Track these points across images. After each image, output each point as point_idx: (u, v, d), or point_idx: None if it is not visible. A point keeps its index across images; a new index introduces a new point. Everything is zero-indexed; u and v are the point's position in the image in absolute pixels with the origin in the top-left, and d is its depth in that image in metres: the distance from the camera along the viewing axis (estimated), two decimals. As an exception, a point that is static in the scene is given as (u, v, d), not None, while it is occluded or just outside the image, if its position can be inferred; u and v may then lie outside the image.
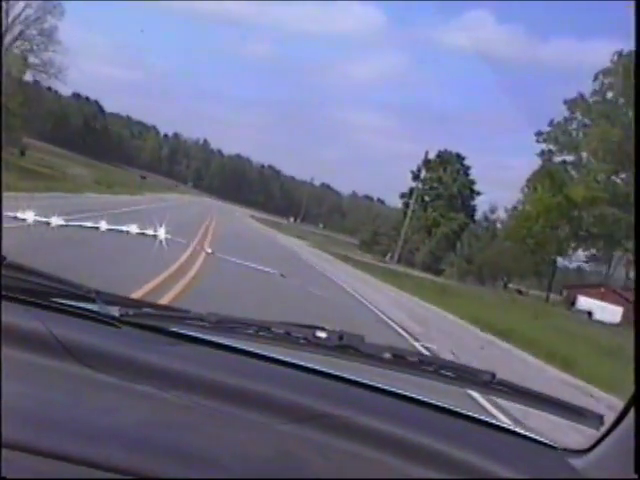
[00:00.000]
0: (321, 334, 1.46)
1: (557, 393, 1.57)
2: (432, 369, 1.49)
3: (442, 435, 1.35)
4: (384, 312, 14.88)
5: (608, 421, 1.39)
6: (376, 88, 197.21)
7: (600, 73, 49.11)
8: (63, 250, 9.00)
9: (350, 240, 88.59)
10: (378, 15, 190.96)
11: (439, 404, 1.53)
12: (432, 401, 1.52)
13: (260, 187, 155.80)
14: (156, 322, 1.46)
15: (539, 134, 50.46)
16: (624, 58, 43.12)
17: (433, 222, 61.57)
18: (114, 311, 1.44)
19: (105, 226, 1.98)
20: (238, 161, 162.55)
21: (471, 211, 64.22)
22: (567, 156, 52.17)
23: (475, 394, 5.45)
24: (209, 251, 13.08)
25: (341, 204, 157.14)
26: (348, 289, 18.47)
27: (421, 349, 9.95)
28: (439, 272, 54.94)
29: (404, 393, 1.52)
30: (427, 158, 62.82)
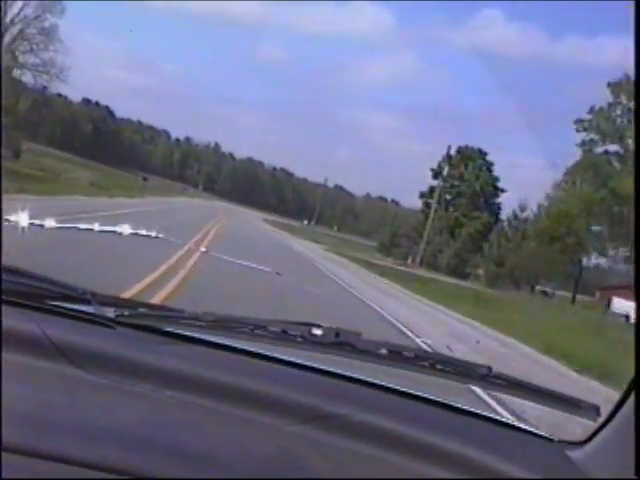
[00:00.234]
0: (317, 331, 1.43)
1: None
2: (428, 364, 1.48)
3: (441, 430, 1.35)
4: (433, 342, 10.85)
5: (605, 412, 1.37)
6: (389, 89, 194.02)
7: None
8: (48, 252, 8.22)
9: (366, 242, 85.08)
10: (389, 16, 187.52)
11: (437, 400, 1.53)
12: (430, 397, 1.51)
13: (272, 190, 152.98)
14: (151, 322, 1.45)
15: (579, 122, 45.15)
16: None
17: (455, 222, 57.34)
18: (109, 312, 1.42)
19: (98, 227, 1.90)
20: (250, 164, 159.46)
21: (495, 210, 59.89)
22: (610, 145, 46.34)
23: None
24: (203, 249, 12.81)
25: (355, 206, 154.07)
26: (384, 313, 14.69)
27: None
28: (465, 276, 50.74)
29: (402, 389, 1.52)
30: (449, 154, 58.47)
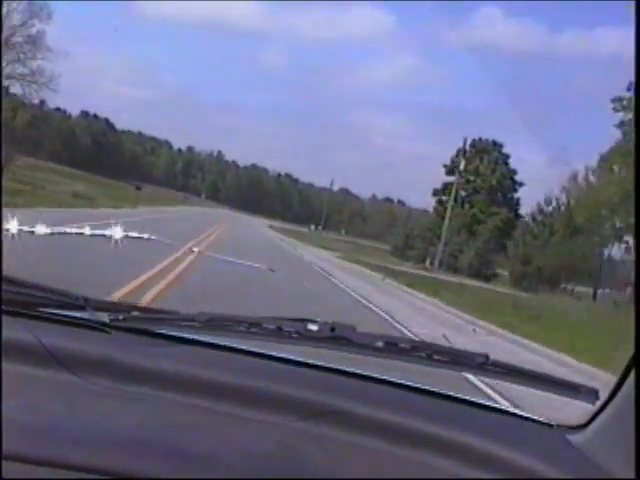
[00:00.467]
0: (312, 327, 1.43)
1: None
2: (425, 354, 1.47)
3: (442, 420, 1.34)
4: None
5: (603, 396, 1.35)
6: (391, 90, 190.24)
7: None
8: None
9: (376, 245, 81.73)
10: (389, 17, 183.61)
11: (435, 390, 1.53)
12: (428, 388, 1.51)
13: (278, 196, 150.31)
14: (146, 325, 1.44)
15: (617, 100, 40.54)
16: None
17: (473, 219, 53.05)
18: (104, 317, 1.41)
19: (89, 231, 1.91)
20: (254, 171, 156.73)
21: (514, 205, 55.63)
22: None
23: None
24: (195, 250, 12.69)
25: (362, 208, 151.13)
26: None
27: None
28: (488, 277, 46.50)
29: (400, 381, 1.51)
30: (464, 147, 54.18)
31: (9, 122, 37.92)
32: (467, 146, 55.45)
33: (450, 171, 55.88)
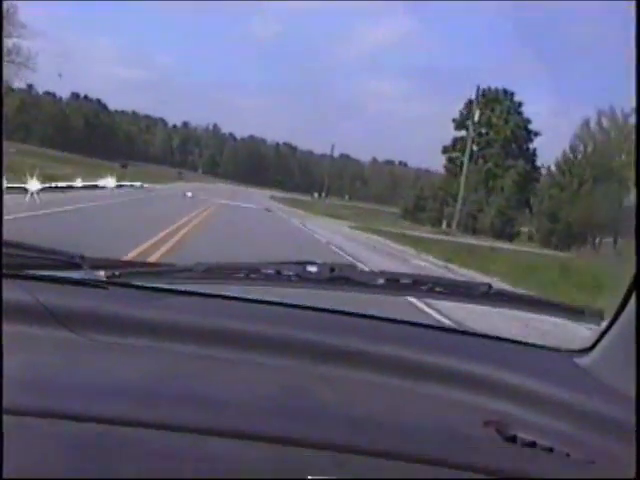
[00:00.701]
0: (312, 268, 1.41)
1: None
2: (427, 288, 1.46)
3: (449, 352, 1.34)
4: None
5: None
6: (386, 54, 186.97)
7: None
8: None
9: (382, 209, 78.45)
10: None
11: (439, 325, 1.56)
12: (432, 322, 1.55)
13: (278, 166, 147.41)
14: (144, 279, 1.43)
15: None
16: None
17: (488, 175, 48.56)
18: (100, 274, 1.40)
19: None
20: (252, 142, 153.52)
21: (531, 156, 51.13)
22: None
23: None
24: (189, 195, 12.64)
25: (362, 172, 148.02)
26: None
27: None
28: (511, 237, 42.33)
29: (402, 318, 1.50)
30: (477, 96, 49.44)
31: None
32: (478, 96, 50.90)
33: (460, 125, 51.39)
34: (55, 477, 0.88)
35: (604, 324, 1.37)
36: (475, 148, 51.22)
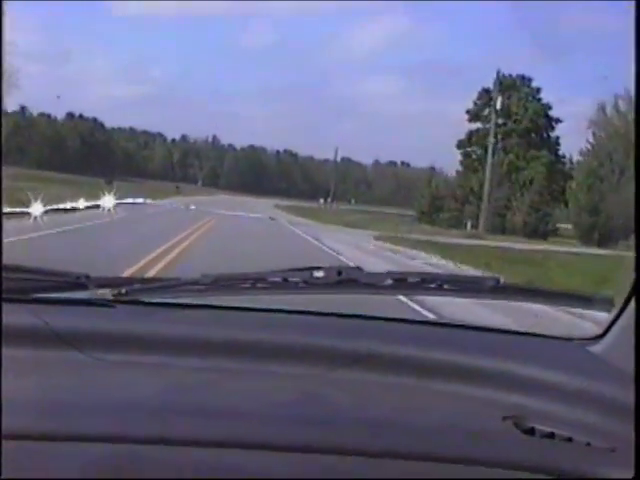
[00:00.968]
0: (319, 274, 1.38)
1: None
2: (435, 286, 1.43)
3: (461, 348, 1.31)
4: None
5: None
6: (381, 53, 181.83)
7: None
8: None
9: (393, 211, 74.11)
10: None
11: (450, 322, 1.47)
12: (443, 320, 1.51)
13: (280, 174, 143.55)
14: (150, 295, 1.40)
15: None
16: None
17: (510, 168, 43.87)
18: (106, 293, 1.38)
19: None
20: (252, 152, 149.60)
21: (554, 145, 46.47)
22: None
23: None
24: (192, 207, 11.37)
25: (366, 175, 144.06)
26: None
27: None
28: (546, 235, 37.70)
29: (411, 318, 1.47)
30: (497, 79, 44.75)
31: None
32: (492, 83, 46.31)
33: (475, 116, 46.81)
34: None
35: (615, 311, 1.33)
36: (492, 140, 46.66)
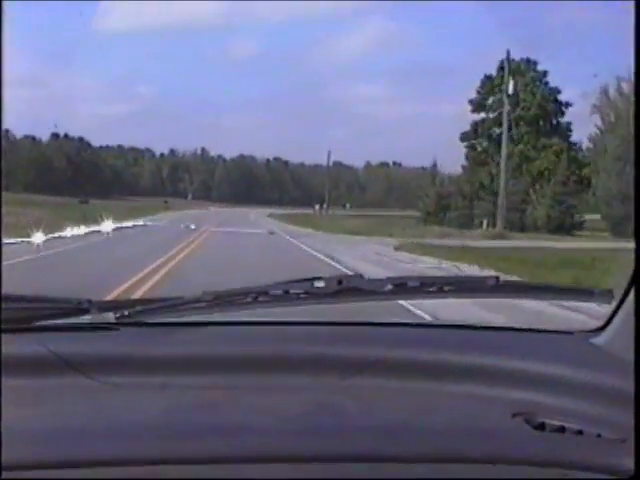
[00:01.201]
0: (319, 284, 1.38)
1: None
2: (436, 288, 1.43)
3: (465, 348, 1.31)
4: None
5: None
6: (367, 57, 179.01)
7: None
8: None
9: (388, 213, 70.42)
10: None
11: (450, 322, 1.50)
12: (445, 322, 1.45)
13: (271, 182, 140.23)
14: (153, 316, 1.39)
15: None
16: None
17: (520, 158, 40.07)
18: (110, 316, 1.38)
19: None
20: (242, 161, 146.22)
21: (565, 131, 42.71)
22: None
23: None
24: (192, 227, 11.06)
25: (358, 178, 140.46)
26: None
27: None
28: (571, 229, 33.88)
29: (414, 321, 1.55)
30: (508, 58, 40.85)
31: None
32: (492, 72, 42.48)
33: (479, 106, 43.06)
34: None
35: (615, 302, 1.33)
36: (498, 131, 42.86)
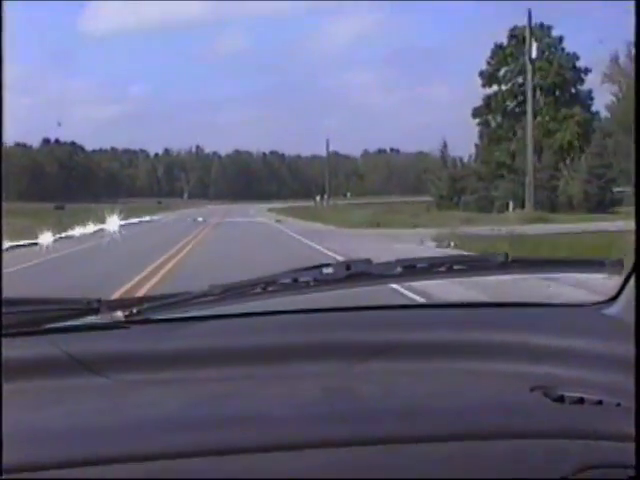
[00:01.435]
0: (328, 270, 1.37)
1: None
2: (445, 268, 1.41)
3: (479, 326, 1.31)
4: None
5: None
6: (358, 46, 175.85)
7: None
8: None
9: (392, 200, 66.77)
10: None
11: (461, 301, 1.51)
12: (452, 301, 1.57)
13: (268, 176, 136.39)
14: (162, 312, 1.38)
15: None
16: None
17: (540, 131, 36.17)
18: (119, 315, 1.38)
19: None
20: (238, 157, 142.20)
21: (587, 100, 38.93)
22: None
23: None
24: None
25: (356, 166, 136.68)
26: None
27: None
28: (612, 205, 30.21)
29: (423, 302, 1.69)
30: (530, 20, 36.92)
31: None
32: (502, 40, 38.65)
33: (490, 79, 39.27)
34: None
35: (625, 272, 1.32)
36: (513, 103, 39.03)
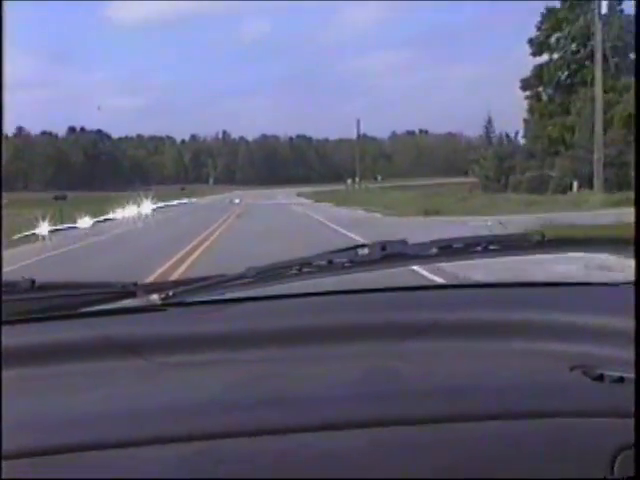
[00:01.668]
0: (364, 251, 1.36)
1: None
2: (482, 248, 1.41)
3: (517, 306, 1.31)
4: None
5: None
6: (381, 26, 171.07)
7: None
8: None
9: (427, 182, 63.43)
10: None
11: (497, 281, 1.49)
12: (485, 281, 1.42)
13: (296, 160, 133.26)
14: (198, 294, 1.38)
15: None
16: None
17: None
18: (155, 298, 1.38)
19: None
20: (265, 141, 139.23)
21: (647, 66, 35.13)
22: None
23: None
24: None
25: (384, 149, 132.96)
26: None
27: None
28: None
29: (459, 283, 1.67)
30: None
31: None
32: (542, 10, 34.84)
33: (541, 46, 35.61)
34: None
35: None
36: (565, 74, 35.33)
